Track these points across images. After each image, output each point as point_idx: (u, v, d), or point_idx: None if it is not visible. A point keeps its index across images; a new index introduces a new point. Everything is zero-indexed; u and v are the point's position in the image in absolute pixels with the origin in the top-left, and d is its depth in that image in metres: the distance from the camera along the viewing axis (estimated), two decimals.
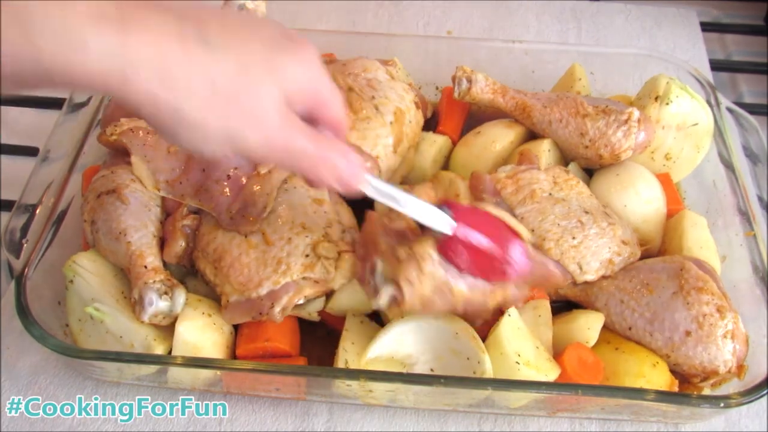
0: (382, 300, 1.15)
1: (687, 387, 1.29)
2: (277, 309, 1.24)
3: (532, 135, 1.61)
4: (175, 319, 1.26)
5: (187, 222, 1.35)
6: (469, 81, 1.60)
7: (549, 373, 1.23)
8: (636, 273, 1.34)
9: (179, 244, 1.33)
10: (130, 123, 1.41)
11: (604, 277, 1.35)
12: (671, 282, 1.29)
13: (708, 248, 1.40)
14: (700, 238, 1.41)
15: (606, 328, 1.32)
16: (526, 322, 1.30)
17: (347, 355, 1.25)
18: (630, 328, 1.30)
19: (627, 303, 1.31)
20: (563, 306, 1.37)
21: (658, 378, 1.24)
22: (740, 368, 1.25)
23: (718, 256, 1.41)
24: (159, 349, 1.26)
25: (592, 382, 1.24)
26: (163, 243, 1.35)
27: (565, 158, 1.58)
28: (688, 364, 1.26)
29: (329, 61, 1.71)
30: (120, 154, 1.44)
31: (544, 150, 1.54)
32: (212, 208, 1.33)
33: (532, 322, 1.31)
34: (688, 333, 1.25)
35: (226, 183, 1.34)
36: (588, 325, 1.30)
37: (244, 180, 1.34)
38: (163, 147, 1.39)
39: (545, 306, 1.33)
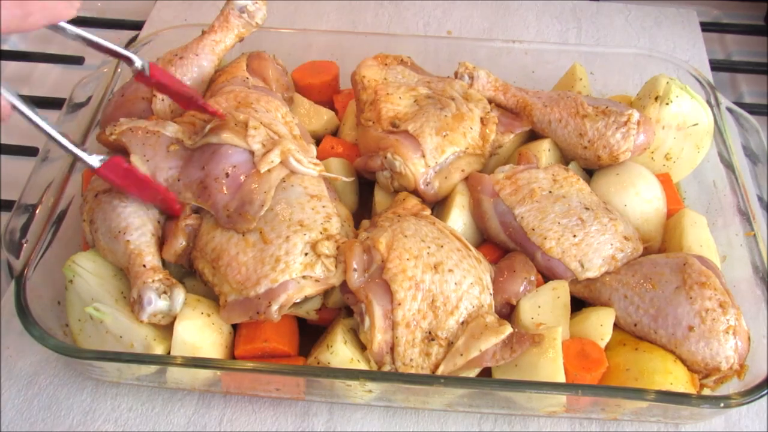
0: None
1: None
2: (275, 307, 1.24)
3: (533, 134, 1.61)
4: (174, 318, 1.26)
5: (190, 221, 1.35)
6: (471, 77, 1.60)
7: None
8: (639, 268, 1.34)
9: (179, 243, 1.33)
10: (129, 122, 1.41)
11: (607, 273, 1.36)
12: (674, 276, 1.29)
13: (708, 247, 1.40)
14: (700, 237, 1.41)
15: (616, 327, 1.32)
16: (544, 303, 1.31)
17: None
18: (635, 325, 1.31)
19: (631, 299, 1.31)
20: (572, 304, 1.36)
21: (682, 373, 1.25)
22: (741, 367, 1.25)
23: (718, 256, 1.41)
24: (158, 349, 1.25)
25: (588, 377, 1.24)
26: (162, 242, 1.35)
27: (565, 158, 1.58)
28: (690, 360, 1.26)
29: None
30: (119, 153, 1.44)
31: (543, 150, 1.54)
32: (210, 206, 1.33)
33: (551, 303, 1.32)
34: (690, 328, 1.25)
35: (224, 181, 1.34)
36: (600, 322, 1.30)
37: (242, 178, 1.34)
38: (163, 146, 1.39)
39: (564, 287, 1.34)
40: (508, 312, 1.33)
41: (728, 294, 1.28)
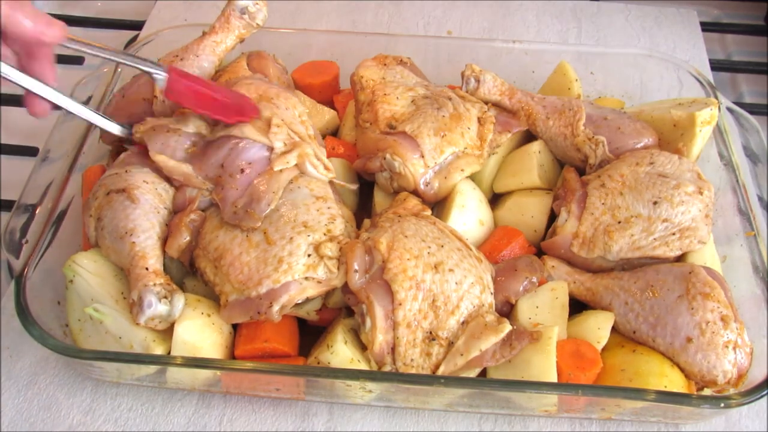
0: None
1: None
2: (276, 308, 1.24)
3: (529, 133, 1.61)
4: (171, 325, 1.26)
5: (195, 217, 1.35)
6: (477, 80, 1.59)
7: None
8: (642, 275, 1.33)
9: (183, 238, 1.33)
10: (154, 121, 1.42)
11: (609, 277, 1.36)
12: (678, 285, 1.29)
13: (713, 264, 1.38)
14: (705, 254, 1.39)
15: (615, 330, 1.32)
16: (542, 303, 1.32)
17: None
18: (634, 332, 1.30)
19: (631, 306, 1.31)
20: (574, 307, 1.36)
21: (678, 377, 1.25)
22: (740, 378, 1.24)
23: (718, 256, 1.41)
24: (158, 350, 1.25)
25: (583, 376, 1.25)
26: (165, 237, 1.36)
27: (557, 158, 1.58)
28: (687, 371, 1.25)
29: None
30: (119, 153, 1.44)
31: (534, 152, 1.54)
32: (220, 200, 1.34)
33: (549, 303, 1.32)
34: (689, 339, 1.25)
35: (238, 176, 1.34)
36: (598, 325, 1.31)
37: (254, 175, 1.34)
38: (181, 148, 1.39)
39: (563, 288, 1.34)
40: (508, 311, 1.33)
41: (732, 308, 1.27)
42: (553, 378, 1.23)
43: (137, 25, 2.10)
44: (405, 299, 1.24)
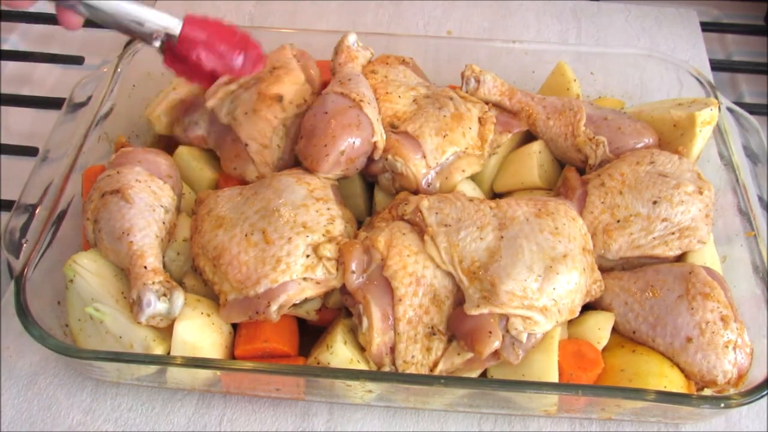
0: None
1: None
2: (274, 308, 1.24)
3: (529, 133, 1.61)
4: (173, 322, 1.26)
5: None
6: (477, 81, 1.59)
7: None
8: (642, 275, 1.34)
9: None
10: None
11: (608, 276, 1.36)
12: (678, 285, 1.29)
13: (713, 264, 1.38)
14: (704, 254, 1.39)
15: (615, 331, 1.32)
16: None
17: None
18: (634, 332, 1.30)
19: (631, 306, 1.31)
20: None
21: (677, 377, 1.25)
22: (740, 378, 1.24)
23: (718, 256, 1.41)
24: (158, 350, 1.25)
25: (585, 377, 1.25)
26: (164, 243, 1.36)
27: (557, 159, 1.58)
28: (687, 371, 1.25)
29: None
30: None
31: (534, 152, 1.54)
32: None
33: None
34: (689, 339, 1.25)
35: None
36: (599, 326, 1.31)
37: None
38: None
39: None
40: None
41: (732, 308, 1.27)
42: (554, 378, 1.23)
43: None
44: (405, 295, 1.24)
